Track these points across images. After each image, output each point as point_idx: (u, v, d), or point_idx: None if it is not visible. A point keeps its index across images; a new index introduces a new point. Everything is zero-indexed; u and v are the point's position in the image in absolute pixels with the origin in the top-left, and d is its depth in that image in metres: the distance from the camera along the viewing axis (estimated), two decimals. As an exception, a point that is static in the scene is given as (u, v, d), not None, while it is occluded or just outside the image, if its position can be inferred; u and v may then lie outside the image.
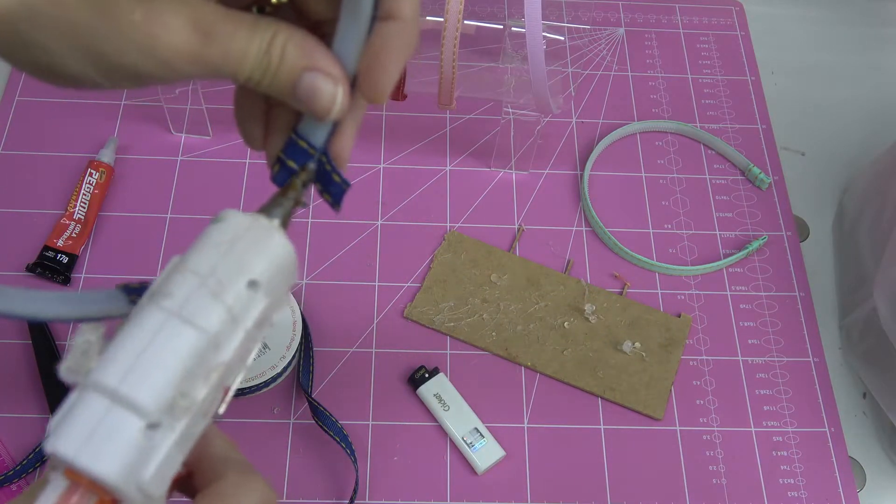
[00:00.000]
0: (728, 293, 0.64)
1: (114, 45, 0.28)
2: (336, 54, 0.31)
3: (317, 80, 0.31)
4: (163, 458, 0.27)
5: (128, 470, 0.26)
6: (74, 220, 0.62)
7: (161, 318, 0.28)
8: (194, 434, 0.29)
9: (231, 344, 0.29)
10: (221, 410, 0.30)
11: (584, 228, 0.66)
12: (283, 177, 0.34)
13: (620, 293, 0.63)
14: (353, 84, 0.32)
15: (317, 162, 0.33)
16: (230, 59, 0.29)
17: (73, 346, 0.28)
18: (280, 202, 0.32)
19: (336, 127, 0.33)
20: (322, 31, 0.32)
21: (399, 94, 0.60)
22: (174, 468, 0.28)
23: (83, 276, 0.61)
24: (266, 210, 0.32)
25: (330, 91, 0.31)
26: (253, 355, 0.31)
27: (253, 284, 0.29)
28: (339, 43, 0.31)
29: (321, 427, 0.55)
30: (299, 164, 0.33)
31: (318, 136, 0.33)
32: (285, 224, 0.32)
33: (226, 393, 0.30)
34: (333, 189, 0.34)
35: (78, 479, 0.27)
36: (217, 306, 0.28)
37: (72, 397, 0.27)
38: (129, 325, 0.28)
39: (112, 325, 0.29)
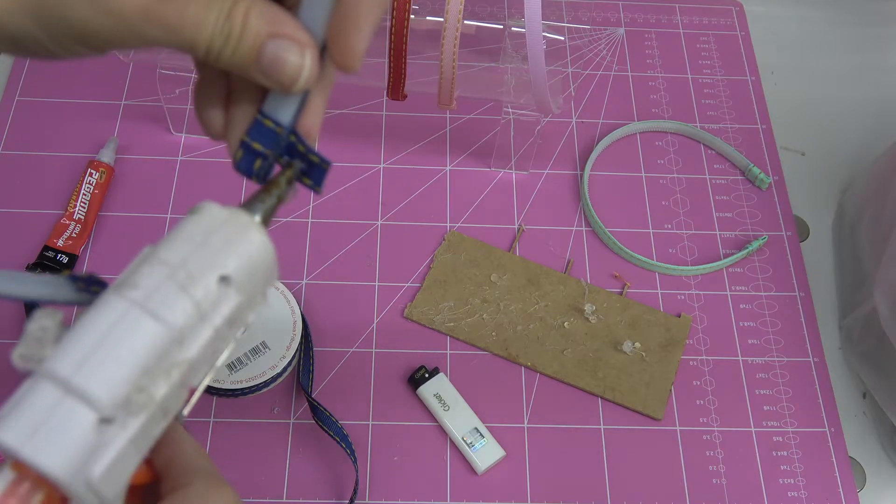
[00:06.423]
0: (728, 293, 0.64)
1: None
2: (302, 21, 0.30)
3: (282, 47, 0.29)
4: (115, 456, 0.26)
5: (76, 465, 0.25)
6: (74, 220, 0.62)
7: (123, 308, 0.26)
8: (153, 434, 0.28)
9: (197, 341, 0.28)
10: (185, 412, 0.29)
11: (584, 228, 0.66)
12: (247, 162, 0.32)
13: (620, 293, 0.63)
14: (323, 53, 0.30)
15: (286, 141, 0.31)
16: (187, 21, 0.28)
17: (28, 332, 0.26)
18: (262, 198, 0.31)
19: (304, 102, 0.31)
20: (288, 3, 0.31)
21: (399, 94, 0.60)
22: (129, 469, 0.27)
23: (83, 276, 0.61)
24: (247, 205, 0.31)
25: (296, 59, 0.29)
26: (224, 356, 0.29)
27: (225, 280, 0.28)
28: (306, 8, 0.30)
29: (321, 427, 0.55)
30: (265, 145, 0.31)
31: (285, 113, 0.31)
32: (266, 221, 0.31)
33: (191, 394, 0.29)
34: (313, 172, 0.32)
35: (26, 472, 0.25)
36: (184, 300, 0.27)
37: (24, 386, 0.26)
38: (88, 314, 0.27)
39: (71, 313, 0.27)
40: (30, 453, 0.24)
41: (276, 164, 0.32)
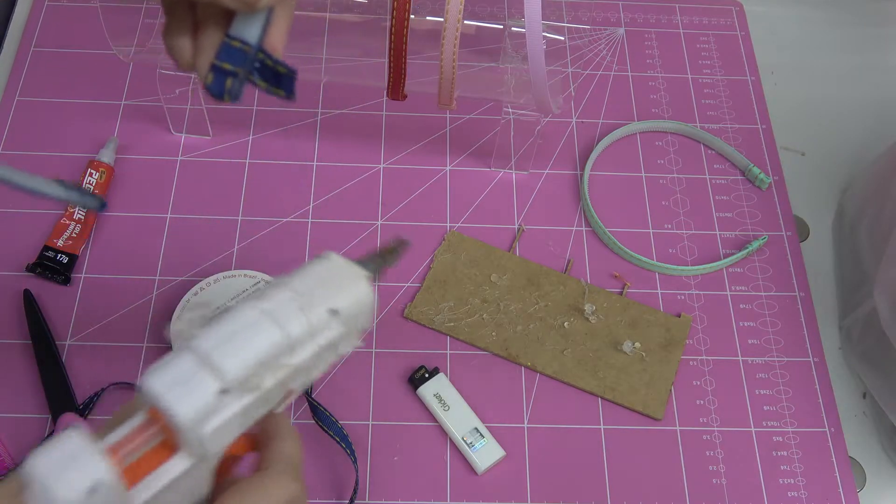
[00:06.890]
0: (728, 293, 0.64)
1: None
2: None
3: None
4: (224, 421, 0.32)
5: (197, 419, 0.31)
6: (74, 220, 0.62)
7: (256, 314, 0.34)
8: (254, 415, 0.34)
9: (303, 352, 0.34)
10: (280, 409, 0.35)
11: (584, 228, 0.66)
12: (219, 83, 0.35)
13: (620, 293, 0.63)
14: None
15: (254, 59, 0.35)
16: None
17: (185, 318, 0.35)
18: (373, 259, 0.39)
19: (268, 21, 0.35)
20: None
21: (399, 94, 0.60)
22: (231, 435, 0.33)
23: (83, 275, 0.61)
24: (361, 262, 0.38)
25: None
26: (317, 373, 0.36)
27: (334, 312, 0.35)
28: None
29: (321, 427, 0.55)
30: (235, 64, 0.35)
31: (251, 33, 0.35)
32: (374, 278, 0.38)
33: (287, 395, 0.35)
34: (283, 82, 0.37)
35: (156, 418, 0.32)
36: (301, 318, 0.34)
37: (170, 354, 0.33)
38: (230, 314, 0.34)
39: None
40: (168, 401, 0.31)
41: (247, 81, 0.36)
